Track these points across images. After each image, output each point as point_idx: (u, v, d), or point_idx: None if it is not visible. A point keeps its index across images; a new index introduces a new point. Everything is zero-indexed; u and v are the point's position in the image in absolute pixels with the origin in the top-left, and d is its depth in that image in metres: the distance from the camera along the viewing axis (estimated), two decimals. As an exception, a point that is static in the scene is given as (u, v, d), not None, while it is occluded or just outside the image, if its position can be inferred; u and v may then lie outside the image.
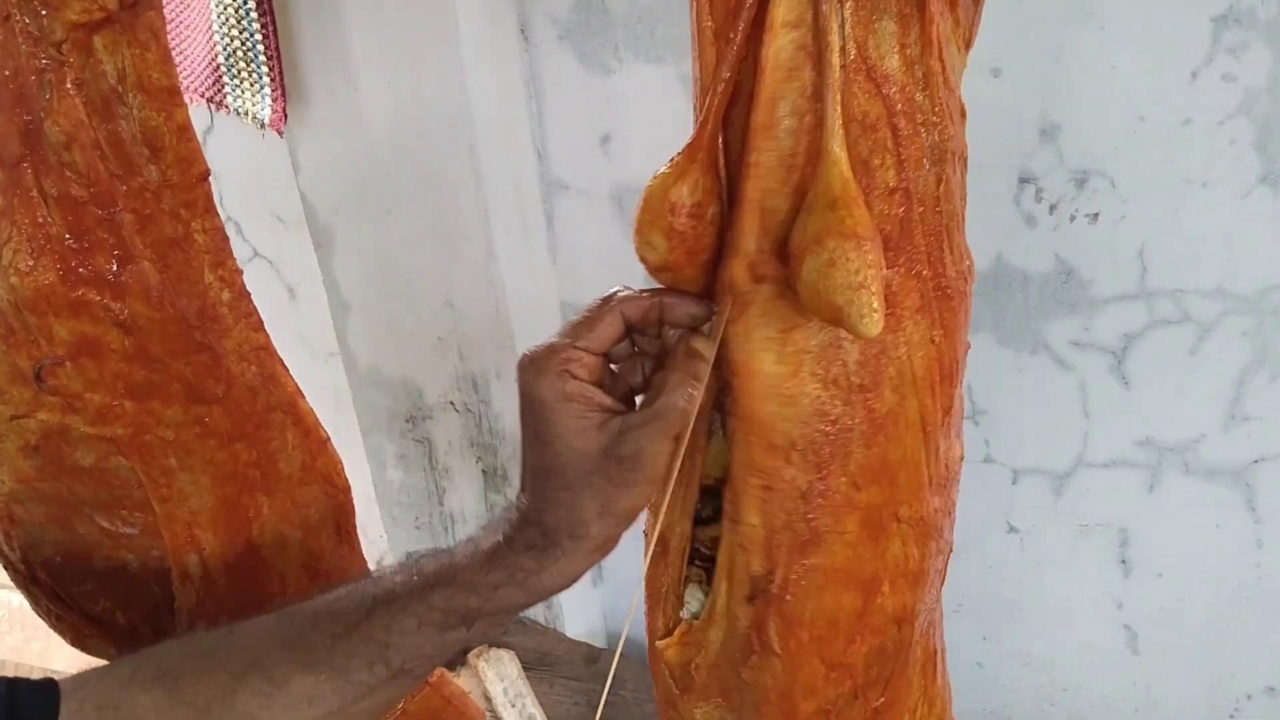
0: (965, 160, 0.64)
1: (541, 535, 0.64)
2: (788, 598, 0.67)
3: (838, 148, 0.57)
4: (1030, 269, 1.08)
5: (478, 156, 1.26)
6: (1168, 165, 0.98)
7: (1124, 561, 1.20)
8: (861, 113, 0.58)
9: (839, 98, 0.57)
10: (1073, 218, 1.04)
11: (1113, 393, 1.11)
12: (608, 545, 0.65)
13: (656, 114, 1.20)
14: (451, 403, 1.50)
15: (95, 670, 0.67)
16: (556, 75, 1.24)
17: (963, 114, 0.62)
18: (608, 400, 0.64)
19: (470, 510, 1.57)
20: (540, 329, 1.37)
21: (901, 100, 0.58)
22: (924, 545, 0.68)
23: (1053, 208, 1.04)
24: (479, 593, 0.65)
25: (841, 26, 0.57)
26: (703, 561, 0.72)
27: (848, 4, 0.56)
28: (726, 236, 0.62)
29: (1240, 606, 1.16)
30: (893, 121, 0.58)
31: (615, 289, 0.65)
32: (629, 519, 0.65)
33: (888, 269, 0.60)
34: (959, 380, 0.66)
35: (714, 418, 0.69)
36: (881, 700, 0.72)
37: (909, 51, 0.58)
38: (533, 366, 0.63)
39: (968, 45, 0.61)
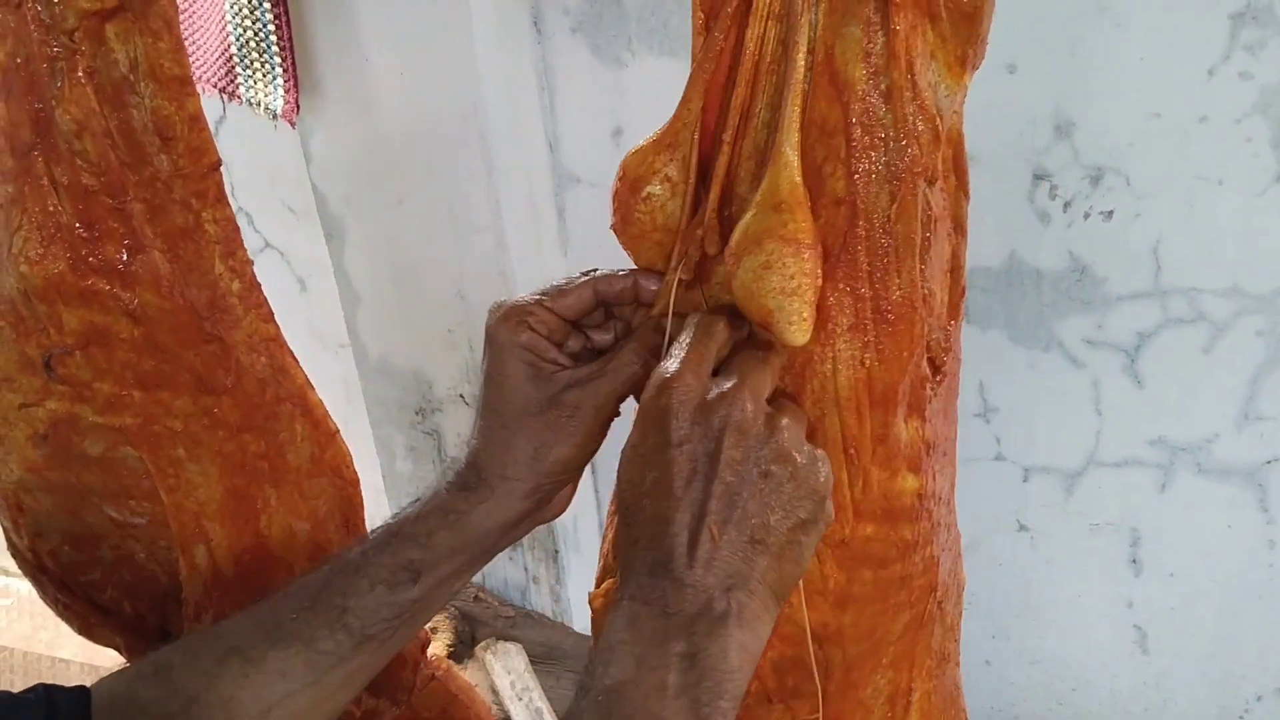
0: (962, 187, 0.62)
1: (475, 475, 0.66)
2: None
3: (790, 150, 0.57)
4: (1044, 266, 1.07)
5: (489, 148, 1.26)
6: (1183, 163, 0.98)
7: (1135, 561, 1.19)
8: (821, 117, 0.57)
9: (799, 98, 0.57)
10: (1087, 215, 1.03)
11: (1125, 391, 1.10)
12: (538, 495, 0.66)
13: (669, 107, 1.18)
14: (461, 395, 1.50)
15: (116, 672, 0.70)
16: (569, 67, 1.24)
17: (939, 137, 0.58)
18: (560, 355, 0.66)
19: (479, 503, 1.57)
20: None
21: (860, 110, 0.57)
22: (851, 570, 0.66)
23: (1067, 205, 1.04)
24: (418, 541, 0.67)
25: (814, 26, 0.56)
26: None
27: (822, 4, 0.55)
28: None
29: (1251, 607, 1.16)
30: (849, 131, 0.57)
31: (597, 268, 0.68)
32: (561, 471, 0.66)
33: (824, 281, 0.59)
34: (903, 411, 0.63)
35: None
36: (815, 716, 0.71)
37: (874, 61, 0.56)
38: (499, 312, 0.66)
39: (963, 64, 0.58)
